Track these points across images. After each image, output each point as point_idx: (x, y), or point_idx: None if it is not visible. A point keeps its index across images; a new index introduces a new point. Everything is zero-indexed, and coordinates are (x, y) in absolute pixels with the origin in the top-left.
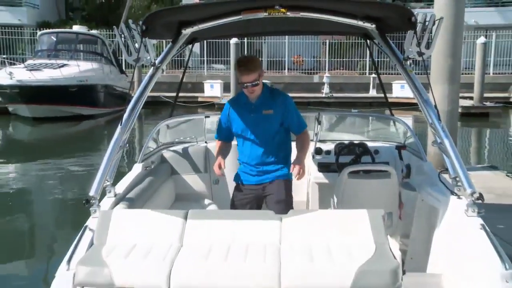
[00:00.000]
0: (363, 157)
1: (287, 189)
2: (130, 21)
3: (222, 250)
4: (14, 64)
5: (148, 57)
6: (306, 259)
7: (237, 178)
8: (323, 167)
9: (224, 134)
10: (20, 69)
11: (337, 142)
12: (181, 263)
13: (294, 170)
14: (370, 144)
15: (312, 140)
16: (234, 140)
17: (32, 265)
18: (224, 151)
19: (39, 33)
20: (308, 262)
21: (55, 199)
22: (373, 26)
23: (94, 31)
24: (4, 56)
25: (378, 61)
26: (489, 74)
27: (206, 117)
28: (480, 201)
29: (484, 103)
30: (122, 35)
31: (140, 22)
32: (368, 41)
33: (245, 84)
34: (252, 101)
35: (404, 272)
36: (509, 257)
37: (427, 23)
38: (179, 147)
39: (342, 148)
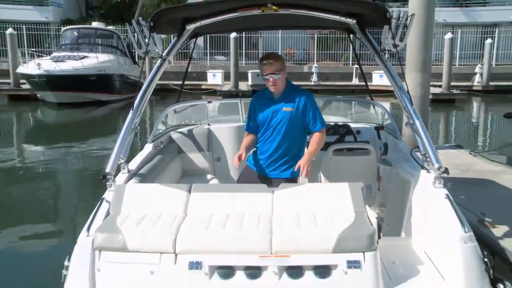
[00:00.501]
0: (346, 137)
1: None
2: (140, 18)
3: (221, 218)
4: (41, 56)
5: (156, 50)
6: (294, 226)
7: (249, 160)
8: None
9: (251, 126)
10: (47, 60)
11: None
12: (185, 230)
13: (300, 170)
14: (352, 125)
15: None
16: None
17: (56, 232)
18: (249, 144)
19: (63, 29)
20: (296, 228)
21: (76, 175)
22: (354, 21)
23: (110, 27)
24: (33, 49)
25: (360, 53)
26: (455, 65)
27: (208, 102)
28: (445, 175)
29: (451, 90)
30: (134, 32)
31: (149, 19)
32: (350, 35)
33: (267, 76)
34: (275, 97)
35: (379, 237)
36: (469, 223)
37: (400, 19)
38: (185, 129)
39: (328, 129)
